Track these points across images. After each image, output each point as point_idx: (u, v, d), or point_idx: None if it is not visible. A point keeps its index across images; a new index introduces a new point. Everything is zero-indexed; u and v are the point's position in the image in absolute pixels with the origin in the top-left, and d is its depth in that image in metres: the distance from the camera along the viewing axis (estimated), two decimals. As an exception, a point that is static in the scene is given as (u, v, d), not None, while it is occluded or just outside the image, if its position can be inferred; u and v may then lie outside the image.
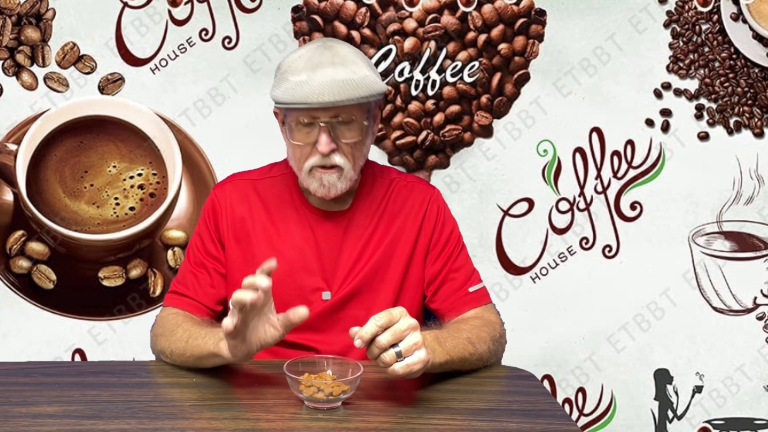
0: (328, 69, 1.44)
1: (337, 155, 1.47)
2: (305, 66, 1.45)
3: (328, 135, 1.45)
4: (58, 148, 2.16)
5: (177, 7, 2.16)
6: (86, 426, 1.19)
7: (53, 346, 2.22)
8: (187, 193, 2.23)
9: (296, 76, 1.45)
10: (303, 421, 1.22)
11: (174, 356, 1.44)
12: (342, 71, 1.44)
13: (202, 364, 1.40)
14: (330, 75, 1.43)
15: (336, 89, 1.42)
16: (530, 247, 2.29)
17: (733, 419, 2.36)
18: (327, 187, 1.49)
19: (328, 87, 1.42)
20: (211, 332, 1.38)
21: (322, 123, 1.45)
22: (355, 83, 1.43)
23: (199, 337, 1.40)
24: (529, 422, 1.24)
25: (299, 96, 1.43)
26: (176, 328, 1.46)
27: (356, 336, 1.25)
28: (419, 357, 1.26)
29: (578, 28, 2.22)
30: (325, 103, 1.42)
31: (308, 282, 1.55)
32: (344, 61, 1.46)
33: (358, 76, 1.44)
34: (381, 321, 1.24)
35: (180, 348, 1.42)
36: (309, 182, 1.50)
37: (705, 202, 2.28)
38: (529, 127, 2.25)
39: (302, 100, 1.42)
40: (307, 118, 1.46)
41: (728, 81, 2.23)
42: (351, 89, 1.43)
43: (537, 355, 2.31)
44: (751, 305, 2.32)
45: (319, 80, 1.42)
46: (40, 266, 2.19)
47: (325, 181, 1.49)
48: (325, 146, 1.45)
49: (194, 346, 1.39)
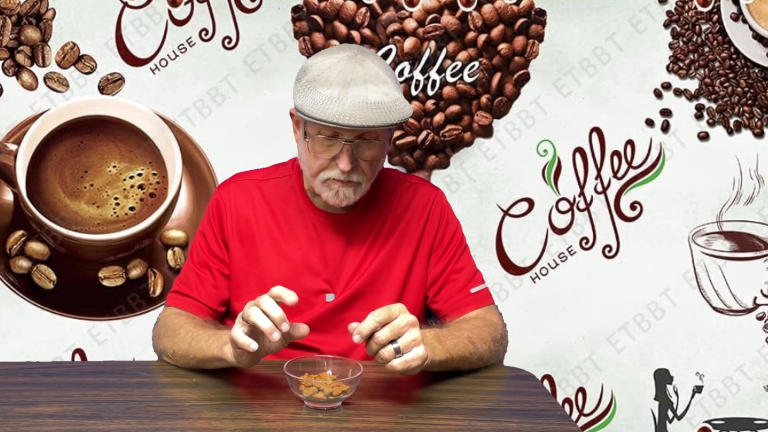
0: (360, 89, 1.40)
1: (355, 173, 1.46)
2: (336, 80, 1.41)
3: (350, 154, 1.44)
4: (58, 148, 2.16)
5: (177, 7, 2.16)
6: (86, 426, 1.19)
7: (53, 346, 2.22)
8: (187, 193, 2.23)
9: (326, 90, 1.41)
10: (303, 421, 1.22)
11: (176, 357, 1.44)
12: (374, 93, 1.41)
13: (206, 366, 1.40)
14: (362, 96, 1.39)
15: (368, 114, 1.38)
16: (530, 247, 2.29)
17: (733, 419, 2.36)
18: (341, 198, 1.49)
19: (360, 110, 1.38)
20: (215, 335, 1.38)
21: (345, 141, 1.43)
22: (386, 107, 1.40)
23: (202, 339, 1.39)
24: (529, 422, 1.24)
25: (330, 114, 1.38)
26: (179, 329, 1.46)
27: (355, 331, 1.25)
28: (417, 354, 1.26)
29: (578, 28, 2.22)
30: (356, 126, 1.39)
31: (312, 284, 1.55)
32: (376, 80, 1.42)
33: (389, 99, 1.42)
34: (380, 317, 1.24)
35: (183, 350, 1.42)
36: (322, 190, 1.49)
37: (705, 202, 2.28)
38: (529, 127, 2.25)
39: (333, 120, 1.38)
40: (331, 133, 1.44)
41: (728, 81, 2.23)
42: (383, 114, 1.40)
43: (537, 355, 2.31)
44: (751, 305, 2.32)
45: (351, 101, 1.39)
46: (40, 266, 2.19)
47: (341, 193, 1.48)
48: (347, 165, 1.43)
49: (197, 349, 1.39)
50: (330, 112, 1.38)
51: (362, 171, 1.47)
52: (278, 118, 2.15)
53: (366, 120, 1.38)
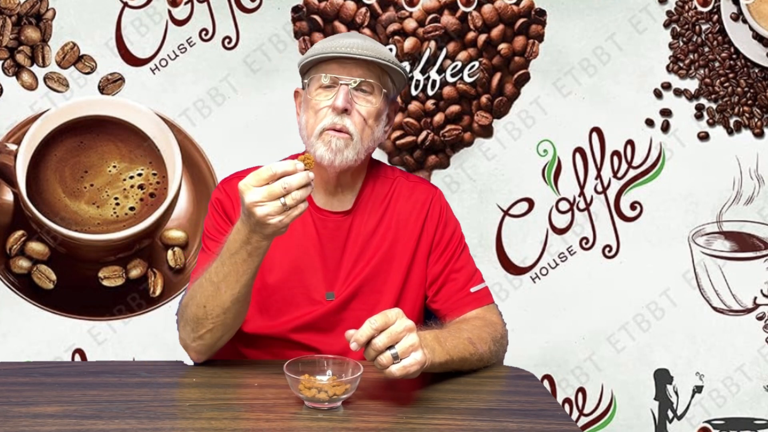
0: (355, 39, 1.54)
1: (348, 120, 1.48)
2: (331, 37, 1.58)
3: (346, 93, 1.48)
4: (58, 148, 2.16)
5: (177, 7, 2.16)
6: (86, 426, 1.19)
7: (53, 346, 2.22)
8: (187, 193, 2.23)
9: (323, 42, 1.54)
10: (303, 421, 1.22)
11: (213, 310, 1.38)
12: (369, 41, 1.55)
13: (241, 278, 1.35)
14: (358, 40, 1.53)
15: (364, 50, 1.49)
16: (530, 247, 2.29)
17: (733, 419, 2.36)
18: (334, 151, 1.48)
19: (357, 48, 1.49)
20: (223, 249, 1.36)
21: (343, 83, 1.48)
22: (381, 51, 1.52)
23: (214, 263, 1.37)
24: (529, 422, 1.24)
25: (328, 47, 1.49)
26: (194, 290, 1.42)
27: (352, 339, 1.25)
28: (416, 359, 1.26)
29: (578, 28, 2.22)
30: (353, 53, 1.47)
31: (313, 282, 1.55)
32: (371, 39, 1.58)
33: (385, 49, 1.55)
34: (376, 323, 1.24)
35: (210, 292, 1.37)
36: (317, 146, 1.49)
37: (705, 202, 2.28)
38: (529, 127, 2.25)
39: (331, 50, 1.48)
40: (330, 81, 1.49)
41: (728, 81, 2.23)
42: (378, 53, 1.50)
43: (537, 355, 2.31)
44: (751, 305, 2.32)
45: (347, 41, 1.51)
46: (40, 266, 2.19)
47: (333, 144, 1.48)
48: (342, 100, 1.47)
49: (217, 271, 1.35)
50: (328, 46, 1.50)
51: (354, 123, 1.49)
52: (278, 118, 2.15)
53: (362, 50, 1.48)
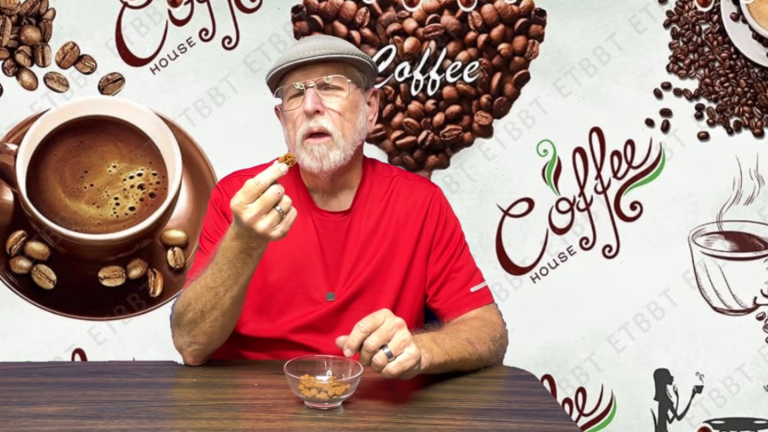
0: (311, 41, 1.54)
1: (323, 120, 1.48)
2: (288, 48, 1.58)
3: (312, 96, 1.48)
4: (58, 148, 2.16)
5: (177, 7, 2.16)
6: (86, 426, 1.19)
7: (53, 346, 2.22)
8: (187, 193, 2.23)
9: (281, 54, 1.55)
10: (303, 421, 1.22)
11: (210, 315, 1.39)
12: (323, 40, 1.57)
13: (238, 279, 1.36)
14: (314, 42, 1.52)
15: (318, 49, 1.49)
16: (530, 247, 2.29)
17: (733, 419, 2.36)
18: (318, 158, 1.48)
19: (311, 50, 1.49)
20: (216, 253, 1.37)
21: (308, 86, 1.48)
22: (338, 46, 1.52)
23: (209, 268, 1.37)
24: (529, 422, 1.24)
25: (284, 58, 1.50)
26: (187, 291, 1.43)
27: (345, 345, 1.25)
28: (410, 353, 1.26)
29: (578, 28, 2.22)
30: (308, 56, 1.47)
31: (313, 282, 1.55)
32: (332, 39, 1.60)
33: (343, 43, 1.56)
34: (365, 326, 1.25)
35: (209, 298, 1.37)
36: (302, 156, 1.50)
37: (705, 202, 2.28)
38: (529, 127, 2.25)
39: (287, 60, 1.49)
40: (298, 86, 1.49)
41: (728, 81, 2.23)
42: (334, 48, 1.50)
43: (537, 355, 2.31)
44: (751, 305, 2.32)
45: (301, 47, 1.51)
46: (40, 266, 2.19)
47: (316, 152, 1.48)
48: (310, 104, 1.47)
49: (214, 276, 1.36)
50: (286, 55, 1.51)
51: (332, 121, 1.48)
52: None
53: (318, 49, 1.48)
